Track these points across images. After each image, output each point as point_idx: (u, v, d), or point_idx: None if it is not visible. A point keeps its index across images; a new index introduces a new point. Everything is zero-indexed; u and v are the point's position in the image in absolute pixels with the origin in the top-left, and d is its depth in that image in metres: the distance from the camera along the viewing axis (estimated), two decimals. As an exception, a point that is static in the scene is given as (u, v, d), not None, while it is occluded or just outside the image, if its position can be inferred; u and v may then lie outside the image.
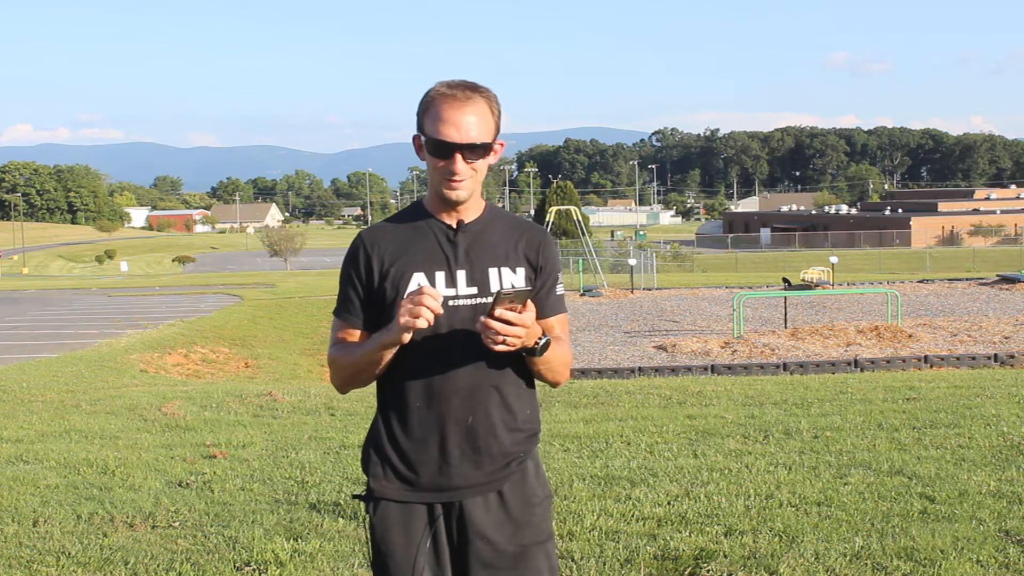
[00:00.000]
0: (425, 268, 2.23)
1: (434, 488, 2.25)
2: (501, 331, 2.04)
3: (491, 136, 2.22)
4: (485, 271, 2.25)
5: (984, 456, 5.87)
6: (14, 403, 9.89)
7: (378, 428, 2.31)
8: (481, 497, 2.25)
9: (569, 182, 70.64)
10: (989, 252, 59.27)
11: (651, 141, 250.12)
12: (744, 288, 26.75)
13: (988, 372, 11.32)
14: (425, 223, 2.29)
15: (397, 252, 2.25)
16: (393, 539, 2.27)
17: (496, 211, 2.35)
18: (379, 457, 2.29)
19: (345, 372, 2.28)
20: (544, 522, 2.32)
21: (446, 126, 2.16)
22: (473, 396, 2.22)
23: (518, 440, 2.29)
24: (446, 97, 2.18)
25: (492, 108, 2.22)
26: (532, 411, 2.34)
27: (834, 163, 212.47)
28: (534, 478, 2.32)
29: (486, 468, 2.25)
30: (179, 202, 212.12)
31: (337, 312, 2.33)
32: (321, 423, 8.12)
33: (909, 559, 4.09)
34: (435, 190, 2.25)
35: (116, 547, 4.63)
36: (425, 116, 2.21)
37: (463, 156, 2.18)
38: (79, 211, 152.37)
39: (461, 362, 2.21)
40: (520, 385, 2.30)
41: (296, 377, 16.41)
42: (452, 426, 2.22)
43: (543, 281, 2.31)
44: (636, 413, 7.96)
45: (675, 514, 4.83)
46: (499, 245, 2.28)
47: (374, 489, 2.29)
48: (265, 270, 55.98)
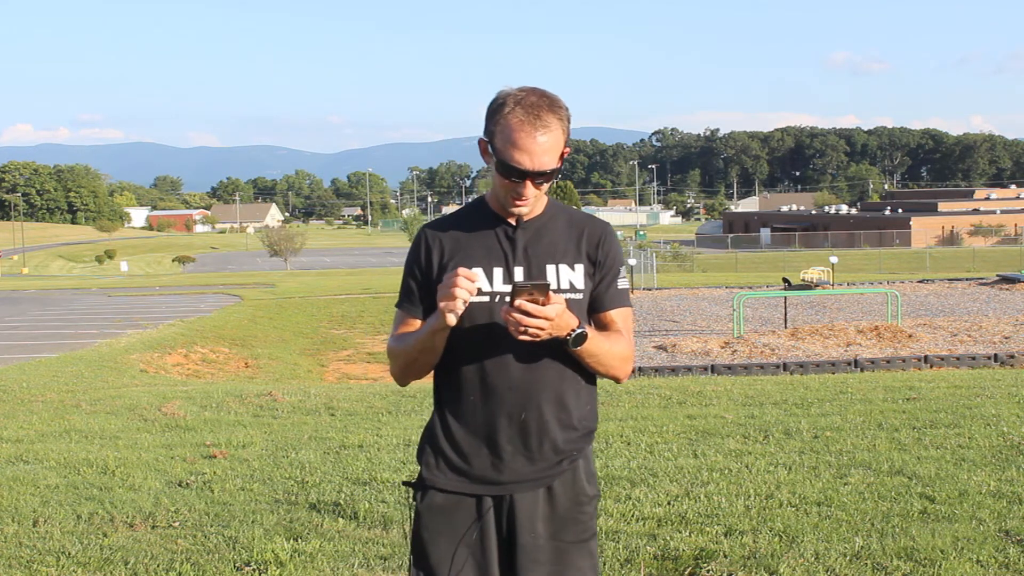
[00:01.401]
0: (483, 263, 2.24)
1: (485, 481, 2.26)
2: (522, 321, 2.06)
3: (560, 155, 2.20)
4: (543, 268, 2.26)
5: (984, 456, 5.87)
6: (14, 403, 9.89)
7: (434, 420, 2.33)
8: (531, 492, 2.26)
9: (569, 182, 70.74)
10: (989, 252, 59.27)
11: (651, 141, 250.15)
12: (744, 288, 26.74)
13: (988, 372, 11.32)
14: (486, 219, 2.30)
15: (457, 247, 2.27)
16: (438, 528, 2.28)
17: (558, 207, 2.35)
18: (432, 448, 2.31)
19: (401, 360, 2.30)
20: (591, 520, 2.33)
21: (519, 153, 2.13)
22: (527, 392, 2.23)
23: (572, 438, 2.29)
24: (522, 122, 2.13)
25: (564, 128, 2.19)
26: (590, 409, 2.34)
27: (834, 163, 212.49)
28: (584, 476, 2.33)
29: (538, 464, 2.25)
30: (179, 202, 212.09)
31: (399, 304, 2.36)
32: (321, 423, 8.12)
33: (909, 559, 4.09)
34: (500, 198, 2.26)
35: (116, 547, 4.63)
36: (496, 129, 2.16)
37: (533, 182, 2.18)
38: (79, 211, 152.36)
39: (516, 357, 2.22)
40: (578, 382, 2.30)
41: (296, 377, 16.41)
42: (504, 421, 2.23)
43: (603, 275, 2.31)
44: (636, 413, 7.96)
45: (675, 514, 4.83)
46: (559, 242, 2.29)
47: (425, 478, 2.30)
48: (265, 270, 55.99)
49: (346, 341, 20.96)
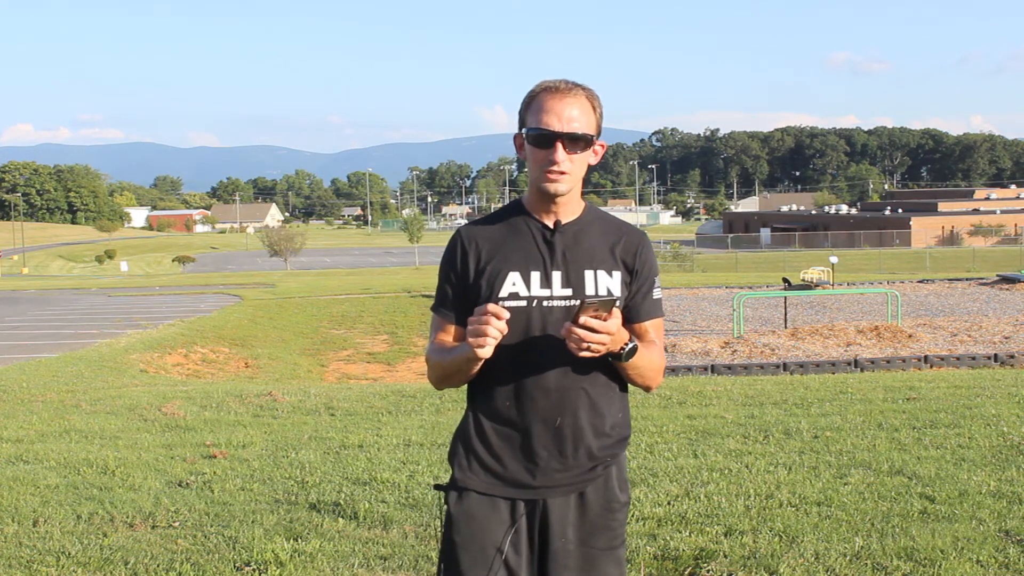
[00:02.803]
0: (521, 268, 2.23)
1: (519, 485, 2.24)
2: (586, 338, 2.05)
3: (593, 131, 2.22)
4: (581, 273, 2.24)
5: (984, 456, 5.87)
6: (14, 403, 9.89)
7: (467, 422, 2.31)
8: (563, 497, 2.25)
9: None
10: (989, 252, 59.27)
11: (651, 141, 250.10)
12: (744, 288, 26.74)
13: (988, 372, 11.32)
14: (523, 222, 2.28)
15: (493, 250, 2.25)
16: (471, 531, 2.25)
17: (595, 212, 2.34)
18: (465, 450, 2.29)
19: (437, 373, 2.30)
20: (621, 527, 2.32)
21: (548, 116, 2.18)
22: (563, 398, 2.22)
23: (606, 445, 2.27)
24: (548, 91, 2.21)
25: (594, 104, 2.23)
26: (623, 416, 2.33)
27: (834, 163, 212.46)
28: (616, 483, 2.31)
29: (572, 470, 2.24)
30: (179, 202, 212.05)
31: (435, 308, 2.34)
32: (321, 423, 8.12)
33: (909, 559, 4.09)
34: (535, 186, 2.25)
35: (116, 547, 4.62)
36: (527, 112, 2.23)
37: (564, 145, 2.18)
38: (79, 211, 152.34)
39: (552, 363, 2.20)
40: (612, 389, 2.29)
41: (296, 377, 16.41)
42: (540, 427, 2.22)
43: (639, 285, 2.30)
44: (636, 413, 7.96)
45: (675, 514, 4.83)
46: (596, 247, 2.27)
47: (458, 479, 2.28)
48: (265, 270, 55.99)
49: (346, 341, 20.96)
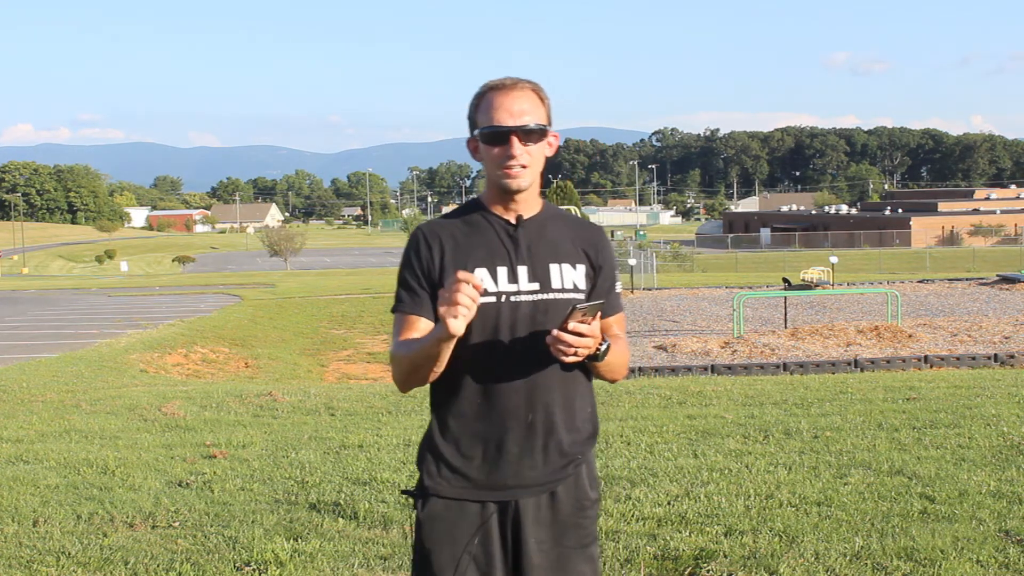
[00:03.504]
0: (487, 263, 2.21)
1: (489, 486, 2.22)
2: (574, 343, 2.05)
3: (544, 122, 2.22)
4: (546, 267, 2.23)
5: (984, 456, 5.87)
6: (14, 403, 9.89)
7: (433, 426, 2.27)
8: (534, 497, 2.23)
9: (569, 182, 70.61)
10: (989, 252, 59.26)
11: (651, 141, 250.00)
12: (744, 288, 26.74)
13: (988, 372, 11.32)
14: (484, 218, 2.26)
15: (457, 246, 2.22)
16: (440, 536, 2.23)
17: (554, 209, 2.34)
18: (433, 454, 2.26)
19: (404, 367, 2.19)
20: (592, 525, 2.31)
21: (499, 112, 2.18)
22: (533, 393, 2.20)
23: (577, 440, 2.27)
24: (495, 89, 2.21)
25: (542, 97, 2.24)
26: (592, 409, 2.32)
27: (834, 163, 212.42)
28: (587, 481, 2.30)
29: (544, 468, 2.22)
30: (179, 202, 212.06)
31: (397, 308, 2.26)
32: (321, 423, 8.12)
33: (909, 559, 4.09)
34: (493, 183, 2.24)
35: (116, 547, 4.63)
36: (477, 112, 2.23)
37: (519, 139, 2.17)
38: (79, 211, 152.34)
39: (522, 358, 2.19)
40: (581, 382, 2.29)
41: (296, 377, 16.40)
42: (512, 423, 2.20)
43: (603, 280, 2.31)
44: (636, 413, 7.96)
45: (675, 514, 4.83)
46: (560, 241, 2.27)
47: (427, 486, 2.25)
48: (265, 270, 55.98)
49: (346, 341, 20.96)
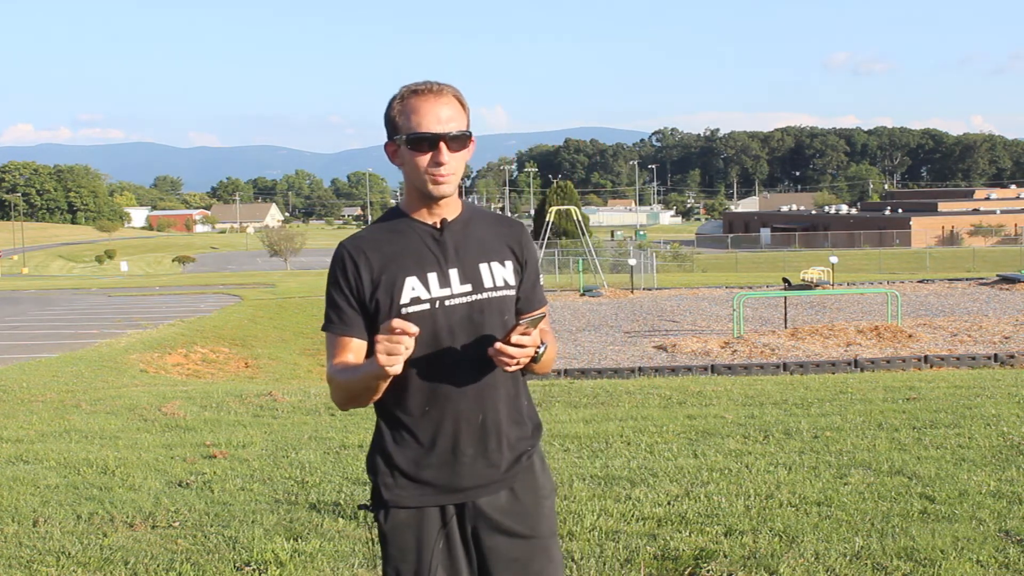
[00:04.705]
0: (416, 271, 2.20)
1: (447, 490, 2.23)
2: (516, 355, 2.08)
3: (467, 128, 2.22)
4: (476, 267, 2.24)
5: (984, 456, 5.87)
6: (14, 403, 9.89)
7: (382, 434, 2.26)
8: (492, 496, 2.25)
9: (569, 182, 70.63)
10: (989, 252, 59.27)
11: (651, 141, 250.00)
12: (744, 288, 26.74)
13: (988, 372, 11.32)
14: (407, 225, 2.25)
15: (385, 259, 2.21)
16: (406, 545, 2.24)
17: (473, 208, 2.35)
18: (386, 464, 2.25)
19: (342, 395, 2.21)
20: (552, 515, 2.33)
21: (427, 118, 2.15)
22: (481, 394, 2.22)
23: (525, 435, 2.31)
24: (418, 93, 2.18)
25: (463, 102, 2.23)
26: (530, 403, 2.37)
27: (834, 163, 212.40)
28: (541, 471, 2.34)
29: (499, 466, 2.25)
30: (179, 202, 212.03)
31: (328, 327, 2.24)
32: (321, 423, 8.12)
33: (909, 559, 4.09)
34: (417, 191, 2.22)
35: (116, 547, 4.63)
36: (399, 118, 2.19)
37: (448, 146, 2.16)
38: (79, 211, 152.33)
39: (464, 362, 2.19)
40: (519, 379, 2.32)
41: (296, 377, 16.41)
42: (464, 426, 2.21)
43: (528, 275, 2.33)
44: (636, 413, 7.96)
45: (675, 514, 4.83)
46: (485, 240, 2.28)
47: (386, 499, 2.25)
48: (265, 270, 55.97)
49: (346, 341, 20.94)
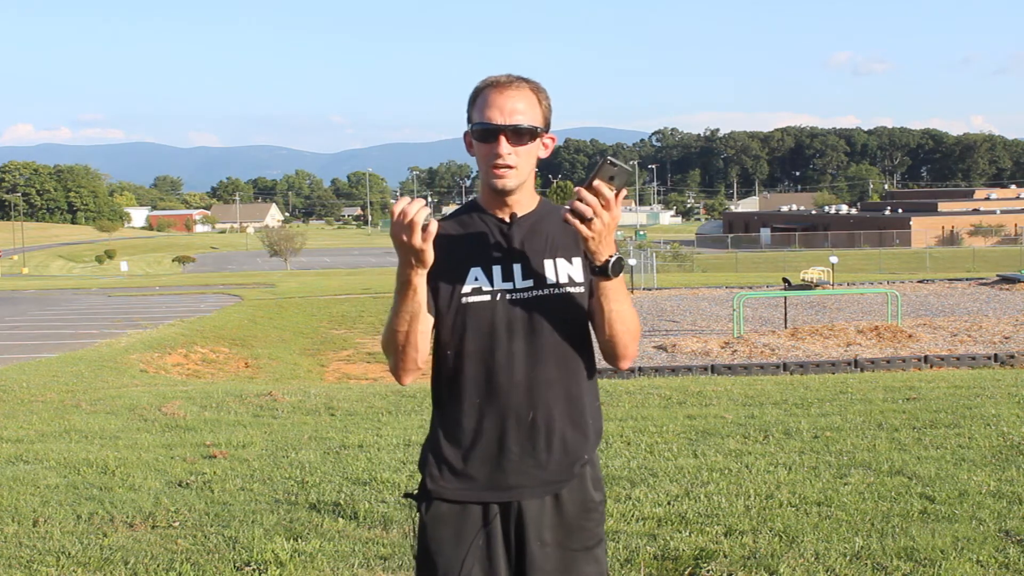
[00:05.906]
0: (481, 262, 2.20)
1: (491, 487, 2.19)
2: (593, 205, 2.02)
3: (538, 123, 2.20)
4: (541, 263, 2.22)
5: (984, 456, 5.87)
6: (14, 403, 9.89)
7: (435, 426, 2.26)
8: (538, 500, 2.20)
9: (569, 182, 70.68)
10: (989, 252, 59.27)
11: (651, 141, 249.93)
12: (744, 288, 26.73)
13: (988, 372, 11.32)
14: (478, 218, 2.26)
15: (452, 247, 2.21)
16: (443, 539, 2.21)
17: (550, 206, 2.32)
18: (435, 457, 2.23)
19: (391, 344, 2.16)
20: (598, 527, 2.27)
21: (491, 110, 2.16)
22: (534, 390, 2.18)
23: (580, 440, 2.23)
24: (492, 86, 2.19)
25: (539, 98, 2.21)
26: (595, 407, 2.29)
27: (834, 163, 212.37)
28: (591, 482, 2.27)
29: (547, 467, 2.19)
30: (179, 202, 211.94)
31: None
32: (321, 423, 8.12)
33: (909, 559, 4.09)
34: (485, 183, 2.23)
35: (116, 547, 4.63)
36: (473, 108, 2.21)
37: (507, 139, 2.15)
38: (79, 211, 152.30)
39: (520, 355, 2.17)
40: (583, 378, 2.25)
41: (296, 377, 16.40)
42: (512, 422, 2.18)
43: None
44: (636, 413, 7.96)
45: (675, 514, 4.83)
46: (554, 236, 2.25)
47: (430, 488, 2.23)
48: (265, 270, 55.97)
49: (346, 341, 20.95)
